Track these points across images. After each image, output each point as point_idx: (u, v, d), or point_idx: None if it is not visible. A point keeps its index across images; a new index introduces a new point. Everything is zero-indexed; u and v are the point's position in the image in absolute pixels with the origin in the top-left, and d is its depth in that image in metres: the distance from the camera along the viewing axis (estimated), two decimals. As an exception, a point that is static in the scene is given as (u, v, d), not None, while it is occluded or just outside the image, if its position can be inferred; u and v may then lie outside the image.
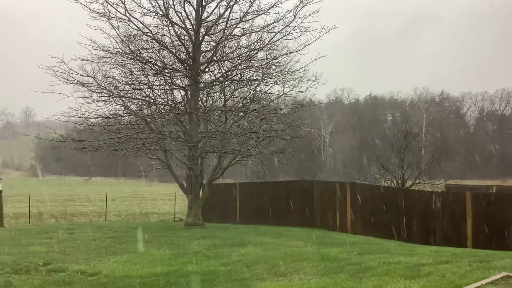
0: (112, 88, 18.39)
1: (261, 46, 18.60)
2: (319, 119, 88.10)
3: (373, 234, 17.01)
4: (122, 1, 16.81)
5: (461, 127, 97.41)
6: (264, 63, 19.13)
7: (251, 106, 19.88)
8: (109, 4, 16.81)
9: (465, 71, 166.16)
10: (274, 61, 18.99)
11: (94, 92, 17.98)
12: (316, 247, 12.55)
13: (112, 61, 18.57)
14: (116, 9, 16.96)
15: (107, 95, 18.29)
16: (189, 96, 19.00)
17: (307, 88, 18.99)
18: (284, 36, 18.12)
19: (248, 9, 17.87)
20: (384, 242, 14.58)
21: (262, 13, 18.01)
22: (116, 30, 17.65)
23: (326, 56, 18.33)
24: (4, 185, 21.44)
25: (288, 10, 17.60)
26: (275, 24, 18.07)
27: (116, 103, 19.01)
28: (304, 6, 17.27)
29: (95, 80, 17.88)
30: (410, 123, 67.34)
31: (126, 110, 19.34)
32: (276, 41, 18.40)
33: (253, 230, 17.04)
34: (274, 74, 19.30)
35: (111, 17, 17.16)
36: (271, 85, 19.77)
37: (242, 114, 19.83)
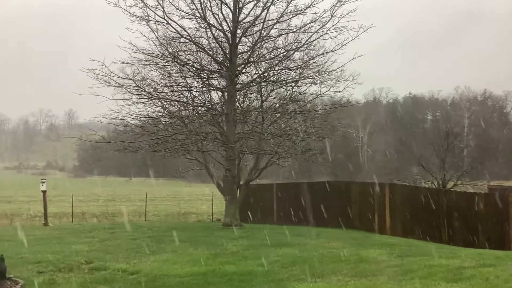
0: (151, 90, 18.72)
1: (298, 46, 18.54)
2: (357, 119, 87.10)
3: (413, 236, 16.68)
4: (160, 5, 17.11)
5: (505, 126, 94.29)
6: (301, 63, 19.05)
7: (288, 106, 19.83)
8: (148, 8, 17.14)
9: (509, 69, 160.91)
10: (311, 61, 18.89)
11: (134, 94, 18.34)
12: (354, 248, 12.40)
13: (151, 63, 18.90)
14: (155, 13, 17.28)
15: (146, 97, 18.62)
16: (226, 97, 19.14)
17: (344, 88, 18.82)
18: (321, 36, 18.01)
19: (285, 10, 17.85)
20: (425, 244, 14.28)
21: (299, 13, 17.95)
22: (155, 33, 17.96)
23: (365, 56, 18.12)
24: (48, 185, 22.12)
25: (325, 10, 17.48)
26: (311, 24, 17.98)
27: (155, 105, 19.35)
28: (341, 5, 17.12)
29: (135, 83, 18.25)
30: (452, 123, 65.69)
31: (165, 111, 19.65)
32: (312, 41, 18.31)
33: (291, 231, 16.97)
34: (311, 74, 19.21)
35: (150, 20, 17.48)
36: (308, 85, 19.69)
37: (279, 114, 19.82)
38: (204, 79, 19.42)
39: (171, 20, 17.60)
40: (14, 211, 30.91)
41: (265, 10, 17.88)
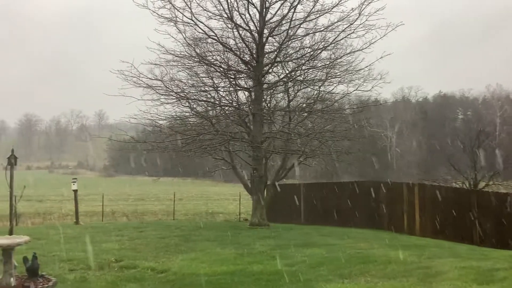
0: (179, 90, 18.90)
1: (325, 45, 18.46)
2: (385, 118, 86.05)
3: (443, 237, 16.40)
4: (188, 6, 17.27)
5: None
6: (328, 62, 18.96)
7: (315, 106, 19.76)
8: (176, 9, 17.33)
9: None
10: (338, 60, 18.79)
11: (162, 94, 18.55)
12: (383, 249, 12.27)
13: (179, 64, 19.09)
14: (182, 14, 17.46)
15: (174, 97, 18.81)
16: (253, 97, 19.19)
17: (372, 87, 18.64)
18: (348, 34, 17.88)
19: (312, 9, 17.79)
20: (455, 245, 14.02)
21: (326, 12, 17.86)
22: (183, 34, 18.14)
23: (393, 54, 17.90)
24: (79, 185, 22.57)
25: (352, 8, 17.36)
26: (339, 23, 17.88)
27: (182, 105, 19.54)
28: (369, 3, 16.99)
29: (163, 83, 18.47)
30: (483, 122, 64.35)
31: (192, 111, 19.82)
32: (340, 40, 18.19)
33: (318, 231, 16.92)
34: (338, 73, 19.10)
35: (178, 21, 17.66)
36: (335, 84, 19.59)
37: (306, 114, 19.76)
38: (231, 79, 19.52)
39: (199, 21, 17.77)
40: (47, 210, 31.65)
41: (292, 10, 17.88)
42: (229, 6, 17.69)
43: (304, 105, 20.19)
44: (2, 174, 9.89)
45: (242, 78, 19.99)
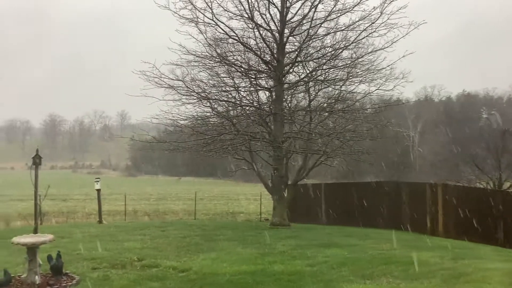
0: (200, 90, 18.99)
1: (346, 45, 18.33)
2: (407, 118, 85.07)
3: (467, 238, 16.13)
4: (209, 6, 17.34)
5: None
6: (349, 62, 18.82)
7: (336, 106, 19.64)
8: (197, 10, 17.40)
9: None
10: (360, 59, 18.63)
11: (183, 95, 18.66)
12: (405, 250, 12.13)
13: (200, 64, 19.18)
14: (203, 14, 17.53)
15: (195, 97, 18.90)
16: (273, 97, 19.17)
17: (394, 87, 18.42)
18: (370, 33, 17.72)
19: (333, 8, 17.68)
20: (479, 247, 13.78)
21: (347, 11, 17.73)
22: (204, 34, 18.21)
23: (416, 53, 17.65)
24: (102, 184, 22.87)
25: (374, 7, 17.21)
26: (360, 22, 17.73)
27: (203, 105, 19.62)
28: (391, 2, 16.82)
29: (185, 84, 18.58)
30: (508, 121, 63.09)
31: (213, 111, 19.89)
32: (361, 39, 18.03)
33: (339, 231, 16.82)
34: (360, 73, 18.94)
35: (199, 22, 17.74)
36: (356, 84, 19.42)
37: (327, 114, 19.66)
38: (252, 79, 19.53)
39: (220, 21, 17.83)
40: (70, 209, 32.16)
41: (313, 9, 17.81)
42: (250, 6, 17.72)
43: (325, 104, 20.08)
44: (27, 173, 10.07)
45: (263, 78, 19.98)
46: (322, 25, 18.38)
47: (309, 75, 19.39)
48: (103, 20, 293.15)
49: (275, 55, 18.57)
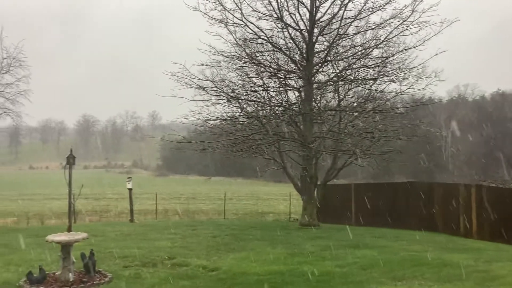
0: (229, 91, 19.10)
1: (377, 43, 18.13)
2: (440, 117, 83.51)
3: (502, 240, 15.71)
4: (239, 7, 17.43)
5: None
6: (380, 61, 18.60)
7: (366, 105, 19.44)
8: (227, 11, 17.53)
9: None
10: (390, 58, 18.38)
11: (213, 95, 18.80)
12: (438, 252, 11.93)
13: (229, 65, 19.28)
14: (233, 15, 17.65)
15: (225, 97, 19.01)
16: (303, 97, 19.11)
17: (426, 86, 18.10)
18: (401, 32, 17.49)
19: (363, 7, 17.53)
20: (515, 249, 13.43)
21: (378, 10, 17.55)
22: (233, 35, 18.32)
23: (449, 51, 17.37)
24: (133, 184, 23.23)
25: (405, 5, 16.97)
26: (391, 20, 17.52)
27: (233, 105, 19.71)
28: (422, 0, 16.57)
29: (214, 84, 18.73)
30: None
31: (243, 112, 19.97)
32: (392, 37, 17.82)
33: (369, 232, 16.65)
34: (391, 72, 18.69)
35: (229, 23, 17.86)
36: (387, 83, 19.15)
37: (356, 114, 19.48)
38: (281, 79, 19.51)
39: (249, 21, 17.90)
40: (103, 208, 32.77)
41: (343, 8, 17.68)
42: (279, 6, 17.72)
43: (355, 104, 19.90)
44: (62, 173, 10.31)
45: (292, 78, 19.94)
46: (352, 24, 18.24)
47: (339, 74, 19.25)
48: (136, 22, 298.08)
49: (305, 55, 18.52)
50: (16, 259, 10.96)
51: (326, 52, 18.76)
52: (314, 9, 18.20)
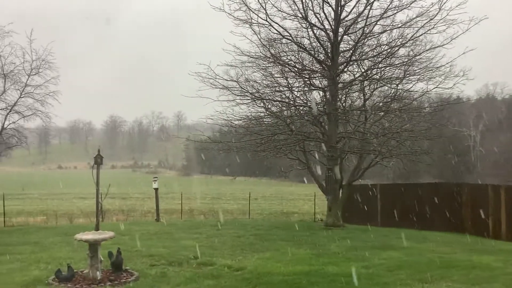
0: (254, 91, 19.14)
1: (403, 42, 17.90)
2: (468, 117, 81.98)
3: (533, 242, 15.37)
4: (263, 7, 17.43)
5: None
6: (406, 60, 18.36)
7: (392, 105, 19.23)
8: (251, 11, 17.55)
9: None
10: (417, 57, 18.13)
11: (237, 95, 18.89)
12: (466, 254, 11.72)
13: (254, 65, 19.33)
14: (257, 15, 17.66)
15: (249, 98, 19.07)
16: (327, 96, 19.01)
17: (454, 85, 17.77)
18: (428, 30, 17.23)
19: (389, 5, 17.33)
20: (547, 252, 13.09)
21: (404, 8, 17.34)
22: (258, 35, 18.34)
23: (478, 50, 17.03)
24: (159, 183, 23.46)
25: (432, 3, 16.72)
26: (418, 19, 17.28)
27: (257, 106, 19.76)
28: (450, -3, 16.29)
29: (239, 84, 18.80)
30: None
31: (267, 112, 19.98)
32: (419, 36, 17.57)
33: (395, 234, 16.45)
34: (417, 71, 18.44)
35: (253, 23, 17.89)
36: (413, 82, 18.90)
37: (382, 113, 19.28)
38: (306, 79, 19.45)
39: (273, 21, 17.89)
40: (130, 207, 33.18)
41: (368, 7, 17.52)
42: (304, 6, 17.66)
43: (381, 104, 19.70)
44: (89, 173, 10.49)
45: (317, 78, 19.85)
46: (378, 23, 18.05)
47: (364, 74, 19.09)
48: (162, 23, 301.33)
49: (329, 55, 18.42)
50: (45, 257, 11.20)
51: (351, 51, 18.62)
52: (339, 8, 18.08)
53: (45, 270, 9.77)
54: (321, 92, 19.81)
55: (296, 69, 19.18)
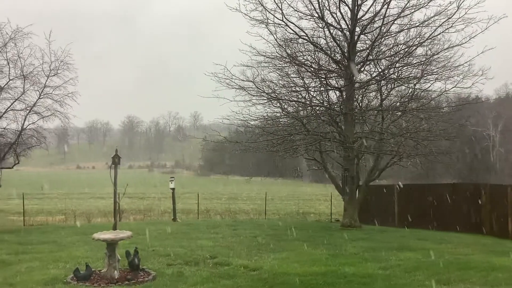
0: (270, 91, 19.14)
1: (421, 41, 17.74)
2: (487, 116, 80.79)
3: (554, 244, 15.08)
4: (279, 7, 17.42)
5: None
6: (424, 59, 18.18)
7: (409, 105, 19.05)
8: (267, 11, 17.55)
9: None
10: (435, 56, 17.95)
11: (253, 95, 18.91)
12: (485, 255, 11.57)
13: (270, 65, 19.34)
14: (274, 15, 17.66)
15: (265, 98, 19.07)
16: (344, 96, 18.92)
17: (472, 84, 17.52)
18: (446, 29, 17.04)
19: (406, 4, 17.17)
20: None
21: (422, 7, 17.16)
22: (274, 35, 18.34)
23: (497, 48, 16.75)
24: (176, 183, 23.60)
25: (450, 2, 16.51)
26: (436, 17, 17.09)
27: (273, 106, 19.74)
28: (469, -5, 16.11)
29: (255, 84, 18.82)
30: None
31: (283, 112, 19.95)
32: (437, 35, 17.38)
33: (413, 235, 16.32)
34: (435, 70, 18.24)
35: (269, 23, 17.88)
36: (431, 82, 18.72)
37: (399, 113, 19.12)
38: (322, 79, 19.39)
39: (290, 21, 17.86)
40: (147, 207, 33.41)
41: (385, 6, 17.38)
42: (320, 5, 17.60)
43: (398, 103, 19.53)
44: (107, 172, 10.59)
45: (333, 78, 19.78)
46: (395, 22, 17.91)
47: (381, 73, 18.96)
48: (178, 25, 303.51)
49: (346, 54, 18.33)
50: (64, 256, 11.34)
51: (368, 51, 18.51)
52: (356, 8, 17.98)
53: (63, 269, 9.90)
54: (337, 92, 19.74)
55: (312, 69, 19.13)
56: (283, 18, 17.64)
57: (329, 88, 19.57)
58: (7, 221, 23.98)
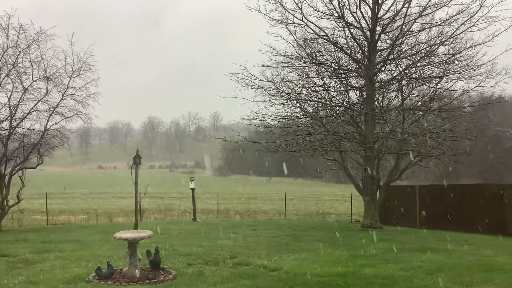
0: (289, 91, 19.13)
1: (443, 40, 17.54)
2: (511, 116, 79.33)
3: None
4: (299, 7, 17.42)
5: None
6: (446, 58, 17.97)
7: (431, 104, 18.83)
8: (287, 11, 17.56)
9: None
10: (457, 55, 17.73)
11: (273, 96, 18.93)
12: (509, 257, 11.36)
13: (290, 65, 19.34)
14: (293, 15, 17.66)
15: (285, 98, 19.07)
16: (364, 96, 18.79)
17: (496, 83, 17.27)
18: (468, 28, 16.83)
19: (428, 3, 17.01)
20: None
21: (444, 5, 17.00)
22: (293, 35, 18.35)
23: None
24: (196, 183, 23.72)
25: (472, 0, 16.31)
26: (458, 16, 16.90)
27: (293, 106, 19.73)
28: (492, -7, 15.85)
29: (274, 85, 18.84)
30: None
31: (303, 112, 19.92)
32: (459, 34, 17.18)
33: (435, 236, 16.11)
34: (457, 69, 18.01)
35: (289, 23, 17.90)
36: (453, 81, 18.49)
37: (421, 113, 18.91)
38: (342, 79, 19.29)
39: (309, 21, 17.85)
40: (167, 206, 33.65)
41: (406, 5, 17.26)
42: (340, 5, 17.53)
43: (419, 103, 19.32)
44: (128, 172, 10.71)
45: (353, 78, 19.67)
46: (416, 21, 17.75)
47: (402, 73, 18.78)
48: (201, 24, 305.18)
49: (366, 54, 18.22)
50: (86, 255, 11.49)
51: (389, 50, 18.36)
52: (377, 7, 17.86)
53: (85, 267, 10.02)
54: (357, 92, 19.62)
55: (332, 69, 19.06)
56: (303, 18, 17.63)
57: (349, 88, 19.47)
58: (31, 220, 24.40)
